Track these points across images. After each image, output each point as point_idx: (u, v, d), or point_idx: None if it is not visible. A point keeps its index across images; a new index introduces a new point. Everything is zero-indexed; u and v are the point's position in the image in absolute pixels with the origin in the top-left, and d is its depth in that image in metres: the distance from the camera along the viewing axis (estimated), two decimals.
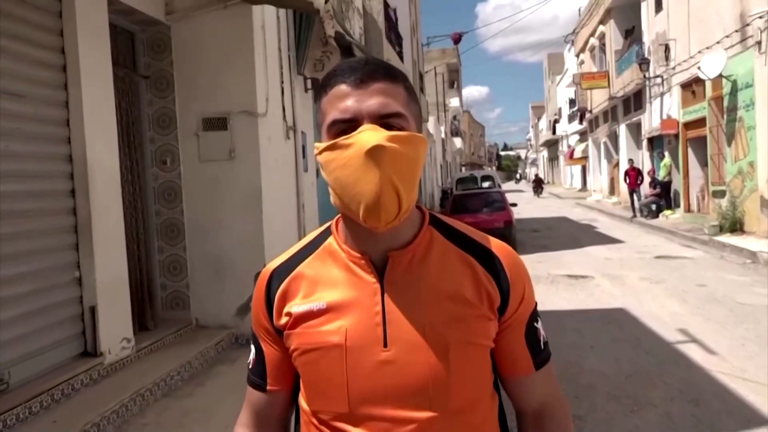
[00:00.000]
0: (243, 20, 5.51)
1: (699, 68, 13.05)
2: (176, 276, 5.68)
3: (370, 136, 0.92)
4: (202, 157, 5.60)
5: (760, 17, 10.84)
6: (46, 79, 4.04)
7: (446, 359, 0.99)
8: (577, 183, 40.61)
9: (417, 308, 1.00)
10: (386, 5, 12.38)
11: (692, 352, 5.20)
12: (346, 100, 0.97)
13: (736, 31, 12.10)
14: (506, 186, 67.70)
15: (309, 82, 7.05)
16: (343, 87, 0.98)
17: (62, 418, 3.53)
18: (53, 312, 4.00)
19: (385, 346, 0.99)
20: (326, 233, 1.12)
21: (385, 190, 0.92)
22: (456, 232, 1.10)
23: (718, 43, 12.86)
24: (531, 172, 78.96)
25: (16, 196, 3.75)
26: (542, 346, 1.12)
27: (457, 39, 26.11)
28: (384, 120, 0.96)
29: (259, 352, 1.14)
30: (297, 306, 1.05)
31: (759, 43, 11.06)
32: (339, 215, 1.08)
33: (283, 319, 1.06)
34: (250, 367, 1.17)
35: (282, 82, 6.22)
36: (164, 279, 5.70)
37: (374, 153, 0.91)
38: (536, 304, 1.13)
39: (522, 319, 1.08)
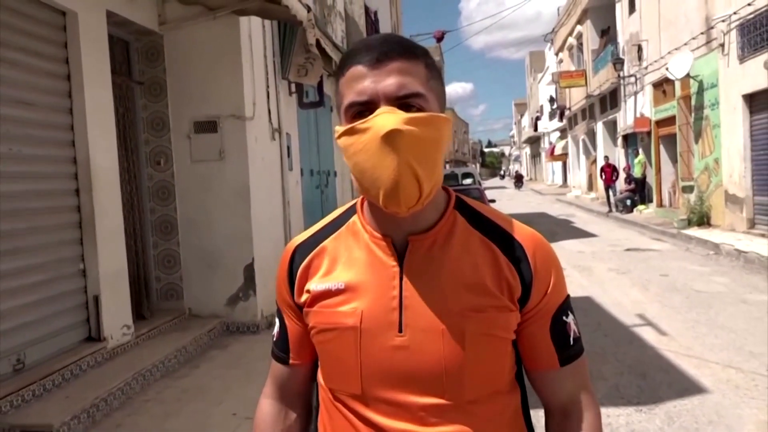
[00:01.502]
0: (231, 30, 5.91)
1: (667, 69, 13.60)
2: (170, 269, 6.07)
3: (386, 119, 0.89)
4: (194, 157, 5.99)
5: (723, 21, 11.39)
6: (52, 88, 4.41)
7: (461, 349, 0.96)
8: (559, 179, 41.23)
9: (435, 295, 0.98)
10: (367, 9, 12.79)
11: (646, 333, 5.69)
12: (362, 81, 0.93)
13: (702, 33, 12.62)
14: (491, 182, 68.41)
15: (293, 86, 7.46)
16: (359, 68, 0.94)
17: (73, 394, 3.92)
18: (61, 300, 4.38)
19: (400, 331, 0.97)
20: (351, 211, 1.09)
21: (403, 175, 0.89)
22: (481, 217, 1.06)
23: (685, 44, 13.38)
24: (514, 168, 79.94)
25: (27, 195, 4.13)
26: (571, 342, 1.06)
27: (439, 37, 26.40)
28: (402, 101, 0.92)
29: (283, 326, 1.14)
30: (316, 284, 1.04)
31: (722, 45, 11.63)
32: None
33: (303, 297, 1.06)
34: (274, 340, 1.16)
35: (268, 87, 6.62)
36: (159, 272, 6.08)
37: (391, 137, 0.87)
38: (568, 296, 1.07)
39: (547, 311, 1.03)
